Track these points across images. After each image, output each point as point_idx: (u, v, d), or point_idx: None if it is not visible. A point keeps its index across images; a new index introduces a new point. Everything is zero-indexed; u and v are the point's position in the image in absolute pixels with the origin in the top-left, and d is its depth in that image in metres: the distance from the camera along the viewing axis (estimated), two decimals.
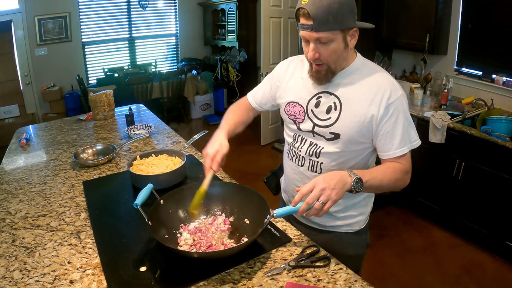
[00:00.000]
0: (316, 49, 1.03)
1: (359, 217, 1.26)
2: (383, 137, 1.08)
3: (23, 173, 1.64)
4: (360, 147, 1.13)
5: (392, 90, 1.06)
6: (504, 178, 2.30)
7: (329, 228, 1.26)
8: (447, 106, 2.96)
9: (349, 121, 1.09)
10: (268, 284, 0.93)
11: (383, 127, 1.07)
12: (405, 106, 1.08)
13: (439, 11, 2.86)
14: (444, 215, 2.76)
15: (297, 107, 1.18)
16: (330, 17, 0.96)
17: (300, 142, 1.20)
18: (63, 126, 2.29)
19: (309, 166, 1.19)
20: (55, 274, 0.99)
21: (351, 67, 1.11)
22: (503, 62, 2.77)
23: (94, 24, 5.11)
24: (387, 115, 1.06)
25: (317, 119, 1.14)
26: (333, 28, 0.98)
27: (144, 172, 1.47)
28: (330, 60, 1.05)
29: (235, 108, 1.40)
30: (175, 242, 1.09)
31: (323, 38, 1.00)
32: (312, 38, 1.01)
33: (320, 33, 0.99)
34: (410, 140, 1.09)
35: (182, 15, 5.74)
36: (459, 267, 2.40)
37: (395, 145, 1.07)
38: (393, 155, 1.08)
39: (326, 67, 1.07)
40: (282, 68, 1.29)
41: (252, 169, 3.91)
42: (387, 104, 1.05)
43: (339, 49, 1.03)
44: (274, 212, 1.02)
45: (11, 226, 1.22)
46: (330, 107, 1.11)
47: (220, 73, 5.51)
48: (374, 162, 1.23)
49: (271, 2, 4.10)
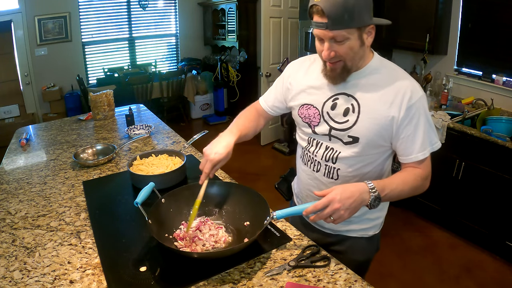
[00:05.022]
0: (331, 48, 0.98)
1: (375, 222, 1.22)
2: (404, 140, 1.03)
3: (23, 173, 1.64)
4: (378, 151, 1.09)
5: (413, 91, 1.01)
6: (504, 178, 2.30)
7: (343, 232, 1.21)
8: (447, 106, 2.97)
9: (369, 123, 1.03)
10: (268, 284, 0.93)
11: (404, 129, 1.02)
12: (426, 107, 1.03)
13: (439, 11, 2.86)
14: (444, 215, 2.76)
15: (312, 110, 1.13)
16: (346, 15, 0.90)
17: (316, 147, 1.14)
18: (63, 126, 2.29)
19: (325, 172, 1.13)
20: (55, 274, 0.99)
21: (369, 66, 1.06)
22: (503, 62, 2.77)
23: (94, 24, 5.10)
24: (408, 117, 1.01)
25: (334, 122, 1.08)
26: (348, 26, 0.93)
27: (144, 172, 1.47)
28: (347, 57, 1.00)
29: (246, 113, 1.32)
30: (175, 242, 1.09)
31: (338, 37, 0.95)
32: (327, 37, 0.96)
33: (335, 31, 0.93)
34: (431, 142, 1.04)
35: (182, 15, 5.74)
36: (459, 267, 2.40)
37: (417, 148, 1.02)
38: (415, 159, 1.03)
39: (342, 64, 1.02)
40: (293, 69, 1.23)
41: (252, 169, 3.91)
42: (408, 106, 1.00)
43: (355, 47, 0.98)
44: (274, 214, 1.01)
45: (11, 226, 1.22)
46: (348, 109, 1.06)
47: (220, 73, 5.51)
48: (390, 166, 1.18)
49: (271, 2, 4.10)
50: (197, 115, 5.73)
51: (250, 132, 1.27)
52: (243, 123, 1.26)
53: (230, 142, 1.14)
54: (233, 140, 1.16)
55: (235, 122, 1.26)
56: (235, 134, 1.18)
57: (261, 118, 1.34)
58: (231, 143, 1.14)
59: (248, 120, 1.29)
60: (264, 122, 1.35)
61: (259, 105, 1.34)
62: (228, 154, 1.12)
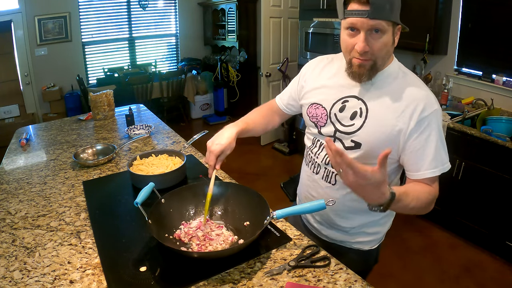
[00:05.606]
0: (367, 40, 0.92)
1: (373, 236, 1.17)
2: (413, 155, 0.97)
3: (23, 173, 1.64)
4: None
5: (427, 103, 0.95)
6: (504, 178, 2.30)
7: (338, 242, 1.20)
8: (447, 106, 2.97)
9: (373, 130, 0.99)
10: (268, 284, 0.93)
11: (412, 143, 0.96)
12: (439, 122, 0.96)
13: (439, 11, 2.86)
14: (444, 215, 2.76)
15: (320, 110, 1.10)
16: (388, 5, 0.87)
17: (318, 148, 1.12)
18: (63, 126, 2.29)
19: (324, 175, 1.11)
20: (55, 274, 0.99)
21: (386, 70, 1.01)
22: (503, 62, 2.77)
23: (94, 24, 5.11)
24: (418, 130, 0.95)
25: (340, 124, 1.05)
26: (388, 17, 0.89)
27: (144, 172, 1.47)
28: (379, 54, 0.94)
29: (260, 109, 1.31)
30: (175, 241, 1.09)
31: (378, 26, 0.89)
32: (366, 27, 0.90)
33: (376, 20, 0.88)
34: (442, 161, 0.97)
35: (182, 15, 5.74)
36: (459, 267, 2.40)
37: (426, 165, 0.96)
38: (422, 176, 0.97)
39: (371, 63, 0.96)
40: (309, 67, 1.20)
41: (252, 169, 3.92)
42: (419, 118, 0.94)
43: (389, 43, 0.94)
44: (274, 213, 1.01)
45: (11, 226, 1.22)
46: (355, 113, 1.02)
47: (220, 73, 5.51)
48: (398, 181, 1.12)
49: (271, 2, 4.10)
50: (197, 115, 5.73)
51: (260, 127, 1.25)
52: (253, 117, 1.26)
53: (232, 132, 1.14)
54: (235, 131, 1.14)
55: (245, 116, 1.25)
56: (239, 126, 1.17)
57: (276, 116, 1.32)
58: (233, 134, 1.13)
59: (260, 115, 1.28)
60: (279, 120, 1.33)
61: (275, 103, 1.33)
62: (229, 144, 1.11)
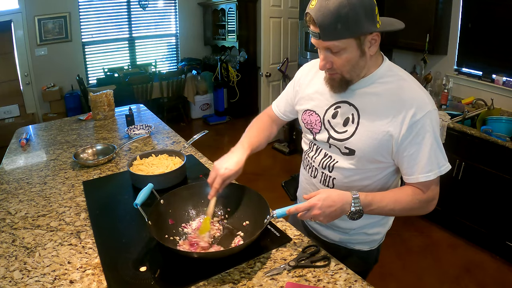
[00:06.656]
0: (327, 58, 0.93)
1: (373, 237, 1.17)
2: (406, 159, 0.95)
3: (23, 173, 1.64)
4: (377, 166, 1.02)
5: (419, 106, 0.92)
6: (504, 178, 2.30)
7: (338, 243, 1.20)
8: (447, 106, 2.97)
9: (365, 137, 0.97)
10: (268, 284, 0.93)
11: (406, 148, 0.94)
12: (434, 124, 0.93)
13: (439, 11, 2.86)
14: (444, 215, 2.76)
15: (314, 116, 1.09)
16: (339, 24, 0.84)
17: (315, 152, 1.12)
18: (63, 126, 2.29)
19: (321, 179, 1.11)
20: (55, 274, 0.99)
21: (375, 74, 0.98)
22: (503, 62, 2.77)
23: (94, 24, 5.11)
24: (410, 135, 0.93)
25: (334, 131, 1.04)
26: (343, 36, 0.86)
27: (144, 172, 1.47)
28: (343, 69, 0.94)
29: (259, 122, 1.29)
30: (175, 242, 1.09)
31: (333, 48, 0.89)
32: (321, 47, 0.92)
33: (328, 42, 0.88)
34: (438, 164, 0.94)
35: (182, 15, 5.74)
36: (459, 267, 2.40)
37: (419, 169, 0.94)
38: (416, 180, 0.96)
39: (339, 77, 0.97)
40: (303, 72, 1.19)
41: (252, 169, 3.91)
42: (411, 123, 0.92)
43: (353, 58, 0.91)
44: (274, 213, 1.01)
45: (11, 226, 1.22)
46: (348, 119, 1.00)
47: (220, 73, 5.51)
48: (398, 183, 1.12)
49: (271, 2, 4.10)
50: (197, 115, 5.73)
51: (263, 142, 1.24)
52: (256, 134, 1.23)
53: (242, 158, 1.12)
54: (244, 156, 1.13)
55: (247, 133, 1.23)
56: (247, 150, 1.15)
57: (274, 125, 1.31)
58: (243, 159, 1.12)
59: (260, 130, 1.26)
60: (277, 128, 1.32)
61: (272, 112, 1.31)
62: (238, 170, 1.10)
